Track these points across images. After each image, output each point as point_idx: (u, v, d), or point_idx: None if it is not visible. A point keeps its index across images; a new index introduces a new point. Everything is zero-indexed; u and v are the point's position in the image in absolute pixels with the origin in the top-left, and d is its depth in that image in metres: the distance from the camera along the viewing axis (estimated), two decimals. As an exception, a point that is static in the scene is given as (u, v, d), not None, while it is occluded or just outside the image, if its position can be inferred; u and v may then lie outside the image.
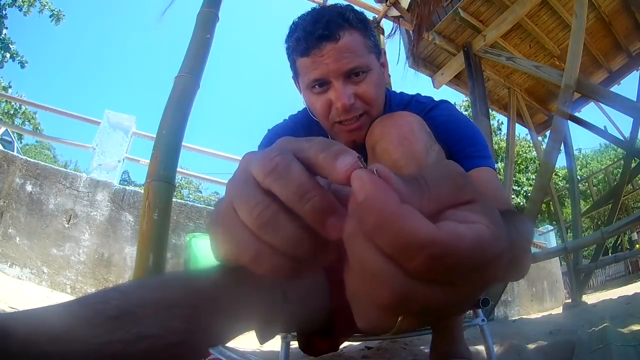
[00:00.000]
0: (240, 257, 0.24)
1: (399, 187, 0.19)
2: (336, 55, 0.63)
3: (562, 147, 3.24)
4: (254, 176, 0.23)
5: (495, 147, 10.13)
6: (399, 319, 0.20)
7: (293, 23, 0.68)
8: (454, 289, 0.19)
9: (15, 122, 10.12)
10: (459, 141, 0.66)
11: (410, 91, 0.81)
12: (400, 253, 0.18)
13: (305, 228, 0.22)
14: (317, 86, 0.66)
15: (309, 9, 0.69)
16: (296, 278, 0.24)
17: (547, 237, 6.74)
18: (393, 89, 0.82)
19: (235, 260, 0.25)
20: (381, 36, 3.55)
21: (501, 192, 0.66)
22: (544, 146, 3.79)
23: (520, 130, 7.14)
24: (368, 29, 0.68)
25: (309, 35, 0.63)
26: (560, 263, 5.18)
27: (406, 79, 3.53)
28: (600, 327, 1.21)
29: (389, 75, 3.23)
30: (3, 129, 6.98)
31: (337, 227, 0.21)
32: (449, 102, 0.75)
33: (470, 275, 0.19)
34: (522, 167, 13.66)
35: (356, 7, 0.72)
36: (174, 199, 1.86)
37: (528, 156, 13.84)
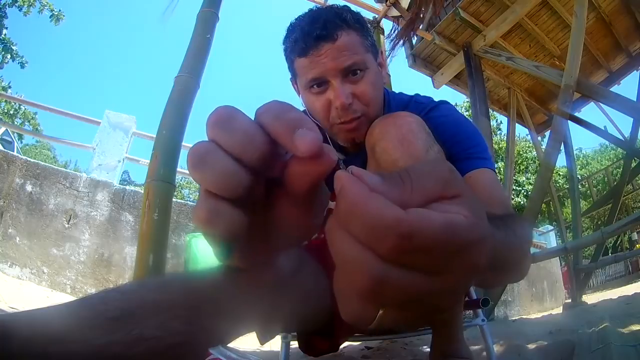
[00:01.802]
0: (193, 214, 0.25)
1: (371, 181, 0.20)
2: (334, 55, 0.63)
3: (562, 147, 3.24)
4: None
5: (495, 147, 10.13)
6: (380, 311, 0.20)
7: (290, 24, 0.69)
8: (432, 277, 0.19)
9: (15, 123, 10.12)
10: (458, 142, 0.66)
11: (410, 91, 0.81)
12: (370, 237, 0.18)
13: (237, 163, 0.23)
14: (315, 86, 0.66)
15: (307, 10, 0.69)
16: (240, 229, 0.25)
17: (547, 237, 6.74)
18: (392, 89, 0.82)
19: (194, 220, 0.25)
20: (381, 36, 3.55)
21: (500, 193, 0.66)
22: (544, 146, 3.79)
23: (520, 130, 7.14)
24: (365, 29, 0.68)
25: (307, 36, 0.64)
26: (560, 263, 5.18)
27: (406, 79, 3.53)
28: (600, 327, 1.21)
29: (389, 75, 3.23)
30: (3, 129, 6.96)
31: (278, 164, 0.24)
32: (449, 103, 0.75)
33: (447, 262, 0.19)
34: (522, 167, 13.66)
35: (356, 8, 0.73)
36: (174, 199, 1.86)
37: (528, 156, 13.83)
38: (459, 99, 11.50)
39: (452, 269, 0.20)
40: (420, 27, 3.35)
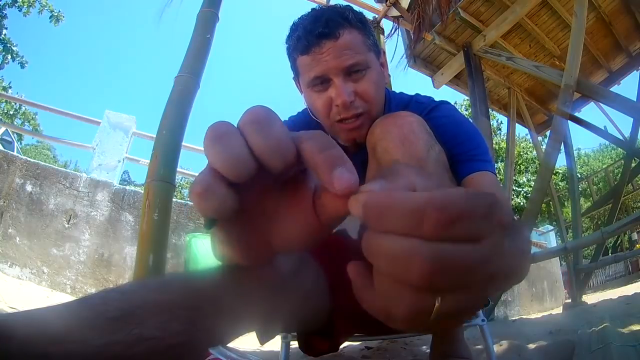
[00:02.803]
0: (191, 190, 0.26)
1: (382, 187, 0.23)
2: (336, 53, 0.63)
3: (562, 147, 3.24)
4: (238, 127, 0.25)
5: (495, 147, 10.13)
6: (437, 303, 0.21)
7: (293, 23, 0.69)
8: (476, 244, 0.20)
9: (15, 123, 10.11)
10: (460, 143, 0.66)
11: (410, 91, 0.81)
12: (411, 225, 0.20)
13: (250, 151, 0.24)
14: (317, 84, 0.66)
15: (310, 10, 0.70)
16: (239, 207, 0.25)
17: (547, 237, 6.74)
18: (392, 89, 0.82)
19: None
20: (381, 36, 3.55)
21: (503, 199, 0.66)
22: (544, 146, 3.79)
23: (520, 130, 7.15)
24: (367, 28, 0.69)
25: (309, 34, 0.64)
26: (560, 263, 5.18)
27: (405, 79, 3.53)
28: (600, 327, 1.21)
29: (389, 75, 3.23)
30: (3, 129, 6.96)
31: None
32: (449, 103, 0.75)
33: (482, 226, 0.20)
34: (522, 167, 13.66)
35: (356, 7, 0.73)
36: (174, 199, 1.86)
37: (528, 156, 13.83)
38: (458, 99, 11.51)
39: (490, 231, 0.21)
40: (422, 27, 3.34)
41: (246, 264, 0.31)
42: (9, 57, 7.56)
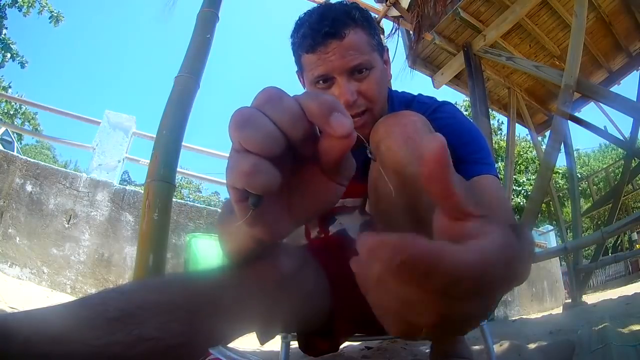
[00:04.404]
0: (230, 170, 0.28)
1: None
2: (341, 53, 0.64)
3: (562, 147, 3.24)
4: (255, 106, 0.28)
5: (495, 147, 10.13)
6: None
7: (299, 19, 0.69)
8: (478, 299, 0.21)
9: (15, 123, 10.11)
10: (463, 145, 0.66)
11: (409, 92, 0.81)
12: (422, 277, 0.19)
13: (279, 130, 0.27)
14: (321, 82, 0.66)
15: (315, 6, 0.70)
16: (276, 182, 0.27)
17: (547, 237, 6.75)
18: (393, 89, 0.82)
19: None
20: (381, 36, 3.55)
21: (504, 201, 0.67)
22: (544, 146, 3.79)
23: (520, 130, 7.13)
24: (372, 26, 0.69)
25: (315, 32, 0.64)
26: (560, 263, 5.18)
27: (405, 79, 3.53)
28: (600, 327, 1.21)
29: (390, 75, 3.23)
30: (3, 129, 6.95)
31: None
32: (452, 104, 0.76)
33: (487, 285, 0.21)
34: (522, 167, 13.65)
35: (346, 2, 0.73)
36: (174, 199, 1.86)
37: (528, 156, 13.82)
38: (458, 99, 11.50)
39: (490, 289, 0.22)
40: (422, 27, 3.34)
41: (272, 240, 0.32)
42: (9, 56, 7.55)
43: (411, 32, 3.40)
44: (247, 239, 0.33)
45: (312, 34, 0.64)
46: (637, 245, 9.05)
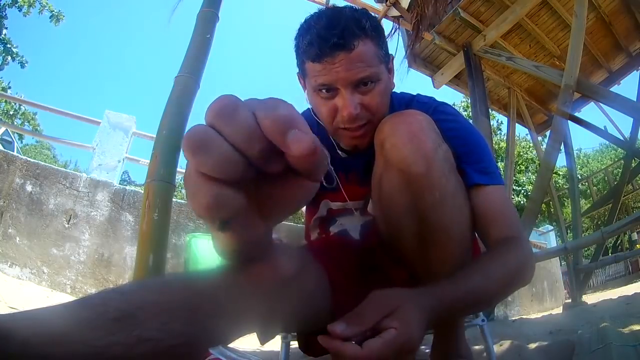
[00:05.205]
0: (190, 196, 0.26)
1: (342, 331, 0.42)
2: (348, 65, 0.61)
3: (562, 147, 3.24)
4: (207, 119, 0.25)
5: (495, 147, 10.12)
6: None
7: (306, 22, 0.66)
8: None
9: (15, 123, 10.11)
10: (468, 152, 0.66)
11: (409, 92, 0.81)
12: None
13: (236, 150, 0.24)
14: (324, 91, 0.65)
15: (323, 10, 0.67)
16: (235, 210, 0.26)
17: (547, 237, 6.75)
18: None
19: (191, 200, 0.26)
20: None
21: (510, 212, 0.66)
22: (544, 146, 3.79)
23: (520, 130, 7.13)
24: (381, 37, 0.67)
25: (323, 42, 0.61)
26: (560, 263, 5.18)
27: (405, 79, 3.53)
28: (600, 327, 1.21)
29: (394, 84, 3.22)
30: (3, 129, 6.95)
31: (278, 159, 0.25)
32: (450, 105, 0.76)
33: None
34: (522, 167, 13.66)
35: (356, 8, 0.72)
36: (174, 199, 1.86)
37: (528, 156, 13.83)
38: (458, 99, 11.51)
39: None
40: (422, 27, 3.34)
41: (254, 252, 0.32)
42: (9, 57, 7.56)
43: (411, 31, 3.39)
44: (225, 245, 0.32)
45: (320, 42, 0.61)
46: (637, 245, 9.04)
